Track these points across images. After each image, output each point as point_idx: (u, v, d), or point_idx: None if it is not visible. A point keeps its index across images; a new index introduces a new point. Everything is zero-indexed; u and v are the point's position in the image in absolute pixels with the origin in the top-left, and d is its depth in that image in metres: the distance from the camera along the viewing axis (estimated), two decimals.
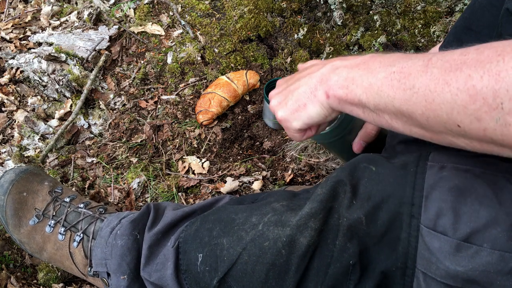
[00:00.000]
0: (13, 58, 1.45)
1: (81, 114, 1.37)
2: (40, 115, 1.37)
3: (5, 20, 1.58)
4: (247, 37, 1.45)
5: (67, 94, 1.39)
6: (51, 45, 1.45)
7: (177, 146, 1.32)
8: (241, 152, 1.31)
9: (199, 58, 1.44)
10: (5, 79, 1.42)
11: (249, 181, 1.23)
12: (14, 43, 1.49)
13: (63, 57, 1.41)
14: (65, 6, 1.61)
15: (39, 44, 1.49)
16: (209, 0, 1.54)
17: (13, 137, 1.34)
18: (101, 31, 1.49)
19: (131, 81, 1.44)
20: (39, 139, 1.32)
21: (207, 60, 1.45)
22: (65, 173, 1.26)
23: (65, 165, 1.28)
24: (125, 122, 1.36)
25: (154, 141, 1.32)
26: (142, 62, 1.47)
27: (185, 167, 1.27)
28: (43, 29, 1.55)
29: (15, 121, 1.37)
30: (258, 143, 1.33)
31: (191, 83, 1.43)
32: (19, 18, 1.58)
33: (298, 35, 1.44)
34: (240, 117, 1.37)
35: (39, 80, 1.40)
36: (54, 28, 1.54)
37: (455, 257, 0.53)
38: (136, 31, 1.50)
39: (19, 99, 1.41)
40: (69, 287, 1.07)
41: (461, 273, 0.53)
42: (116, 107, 1.40)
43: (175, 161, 1.29)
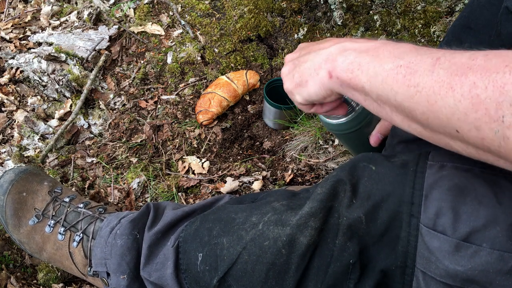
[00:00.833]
0: (13, 58, 1.45)
1: (81, 114, 1.37)
2: (40, 115, 1.37)
3: (5, 20, 1.58)
4: (247, 37, 1.45)
5: (67, 94, 1.39)
6: (51, 45, 1.45)
7: (177, 146, 1.32)
8: (241, 152, 1.31)
9: (199, 58, 1.44)
10: (5, 79, 1.42)
11: (249, 181, 1.23)
12: (14, 43, 1.49)
13: (63, 57, 1.41)
14: (65, 6, 1.61)
15: (39, 44, 1.49)
16: (209, 0, 1.54)
17: (13, 137, 1.34)
18: (101, 31, 1.49)
19: (131, 81, 1.44)
20: (39, 139, 1.32)
21: (207, 60, 1.45)
22: (65, 173, 1.26)
23: (65, 165, 1.28)
24: (125, 122, 1.36)
25: (154, 141, 1.32)
26: (142, 62, 1.47)
27: (185, 167, 1.27)
28: (43, 29, 1.55)
29: (15, 121, 1.37)
30: (258, 143, 1.33)
31: (191, 83, 1.43)
32: (19, 18, 1.58)
33: (298, 35, 1.44)
34: (240, 117, 1.37)
35: (39, 80, 1.40)
36: (54, 28, 1.54)
37: (455, 256, 0.53)
38: (136, 31, 1.50)
39: (19, 99, 1.41)
40: (69, 287, 1.07)
41: (460, 272, 0.53)
42: (116, 107, 1.40)
43: (175, 161, 1.29)
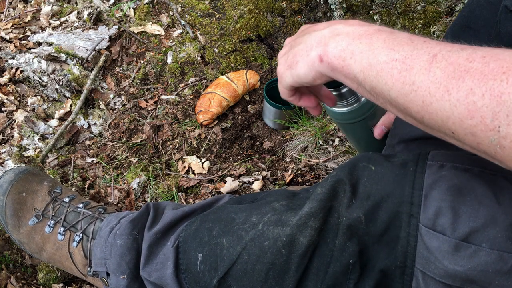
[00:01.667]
0: (13, 58, 1.45)
1: (81, 114, 1.37)
2: (40, 115, 1.37)
3: (5, 20, 1.58)
4: (247, 37, 1.45)
5: (67, 94, 1.39)
6: (51, 45, 1.46)
7: (177, 146, 1.32)
8: (241, 152, 1.31)
9: (199, 58, 1.44)
10: (5, 79, 1.42)
11: (249, 181, 1.23)
12: (14, 43, 1.49)
13: (63, 57, 1.41)
14: (65, 6, 1.61)
15: (39, 44, 1.49)
16: (209, 0, 1.54)
17: (13, 137, 1.34)
18: (101, 31, 1.49)
19: (131, 81, 1.44)
20: (39, 139, 1.32)
21: (207, 60, 1.45)
22: (65, 173, 1.26)
23: (65, 165, 1.28)
24: (125, 122, 1.36)
25: (154, 141, 1.32)
26: (142, 62, 1.47)
27: (185, 167, 1.27)
28: (43, 29, 1.55)
29: (15, 121, 1.37)
30: (258, 143, 1.33)
31: (191, 83, 1.43)
32: (19, 18, 1.58)
33: None
34: (240, 117, 1.37)
35: (39, 80, 1.40)
36: (54, 28, 1.54)
37: (454, 256, 0.53)
38: (136, 31, 1.50)
39: (19, 99, 1.41)
40: (69, 287, 1.07)
41: (459, 272, 0.53)
42: (116, 107, 1.40)
43: (175, 161, 1.29)
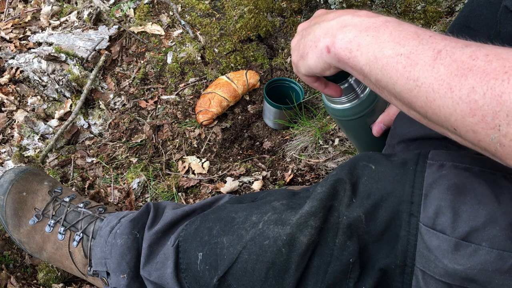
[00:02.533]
0: (13, 58, 1.45)
1: (81, 114, 1.37)
2: (40, 115, 1.37)
3: (5, 20, 1.58)
4: (247, 37, 1.45)
5: (67, 94, 1.39)
6: (51, 45, 1.46)
7: (177, 146, 1.32)
8: (241, 152, 1.31)
9: (199, 58, 1.44)
10: (5, 79, 1.42)
11: (249, 181, 1.23)
12: (14, 43, 1.49)
13: (63, 57, 1.42)
14: (65, 6, 1.61)
15: (39, 44, 1.49)
16: (209, 0, 1.55)
17: (13, 137, 1.34)
18: (101, 31, 1.50)
19: (131, 81, 1.44)
20: (39, 139, 1.32)
21: (207, 60, 1.45)
22: (65, 173, 1.26)
23: (65, 165, 1.28)
24: (125, 122, 1.36)
25: (154, 141, 1.33)
26: (142, 62, 1.47)
27: (185, 167, 1.27)
28: (43, 29, 1.55)
29: (15, 121, 1.37)
30: (258, 143, 1.33)
31: (191, 83, 1.43)
32: (19, 18, 1.58)
33: None
34: (240, 117, 1.38)
35: (39, 80, 1.40)
36: (54, 28, 1.54)
37: (454, 255, 0.53)
38: (136, 31, 1.50)
39: (19, 99, 1.41)
40: (69, 287, 1.07)
41: (459, 271, 0.53)
42: (116, 107, 1.40)
43: (175, 161, 1.29)
